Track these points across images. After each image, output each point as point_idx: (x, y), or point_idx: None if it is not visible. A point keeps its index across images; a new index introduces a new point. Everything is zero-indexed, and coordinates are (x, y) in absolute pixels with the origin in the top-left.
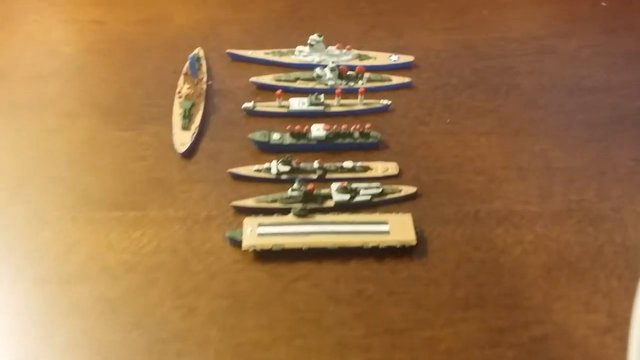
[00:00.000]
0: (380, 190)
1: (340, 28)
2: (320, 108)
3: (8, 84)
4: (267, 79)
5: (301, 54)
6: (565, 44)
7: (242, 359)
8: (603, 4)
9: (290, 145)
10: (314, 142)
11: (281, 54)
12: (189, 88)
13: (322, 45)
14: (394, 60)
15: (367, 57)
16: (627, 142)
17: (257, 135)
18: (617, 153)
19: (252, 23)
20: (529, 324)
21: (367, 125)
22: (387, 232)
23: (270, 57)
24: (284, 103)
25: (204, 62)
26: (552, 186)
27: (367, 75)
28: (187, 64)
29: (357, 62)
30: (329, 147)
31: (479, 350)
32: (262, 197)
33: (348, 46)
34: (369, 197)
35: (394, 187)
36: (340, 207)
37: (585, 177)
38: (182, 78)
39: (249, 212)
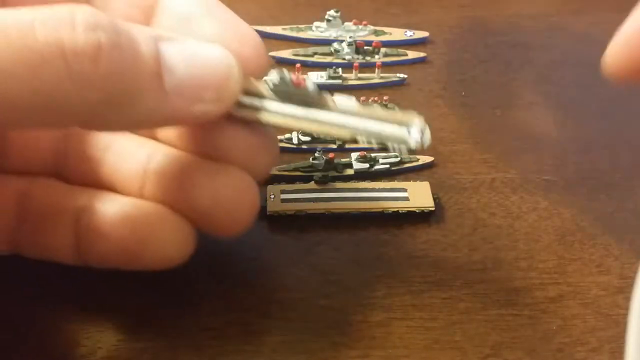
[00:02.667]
0: (398, 159)
1: (355, 4)
2: (339, 81)
3: None
4: (286, 53)
5: (318, 30)
6: (576, 21)
7: (267, 317)
8: None
9: None
10: None
11: (299, 30)
12: None
13: (339, 21)
14: (410, 36)
15: (383, 33)
16: (637, 115)
17: None
18: (628, 126)
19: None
20: (544, 285)
21: (385, 97)
22: (406, 199)
23: (288, 33)
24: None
25: None
26: (565, 156)
27: (383, 50)
28: None
29: (373, 38)
30: None
31: (496, 309)
32: (283, 165)
33: (364, 22)
34: (387, 166)
35: (412, 156)
36: (360, 175)
37: (597, 148)
38: None
39: (271, 180)
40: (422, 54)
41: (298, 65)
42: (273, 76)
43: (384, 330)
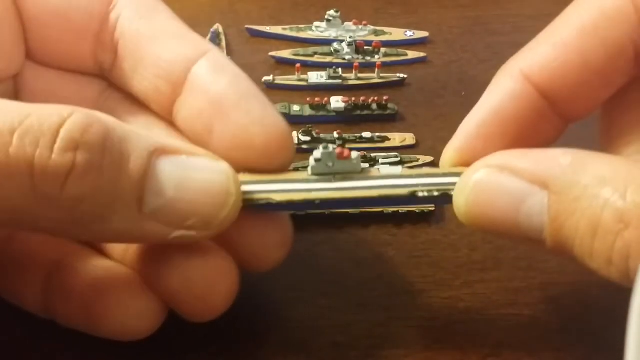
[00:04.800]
0: (398, 159)
1: (355, 4)
2: (338, 81)
3: None
4: (286, 53)
5: (318, 30)
6: None
7: (268, 317)
8: None
9: (310, 116)
10: (333, 114)
11: (299, 30)
12: None
13: (338, 21)
14: (409, 36)
15: (383, 33)
16: None
17: (278, 107)
18: None
19: (269, 0)
20: (545, 285)
21: (385, 97)
22: None
23: (288, 33)
24: (303, 76)
25: (223, 38)
26: None
27: (383, 50)
28: (207, 38)
29: (373, 38)
30: (348, 119)
31: (496, 310)
32: None
33: (364, 22)
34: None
35: (412, 156)
36: None
37: (597, 148)
38: None
39: None
40: (422, 54)
41: (298, 65)
42: (315, 152)
43: (384, 330)
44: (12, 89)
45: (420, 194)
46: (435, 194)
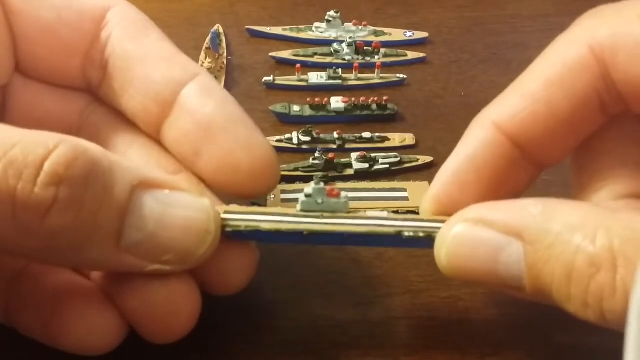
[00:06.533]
0: (398, 159)
1: (355, 5)
2: (338, 82)
3: None
4: (286, 54)
5: (318, 30)
6: (574, 22)
7: (267, 317)
8: None
9: (310, 116)
10: (333, 114)
11: (299, 30)
12: (210, 62)
13: (339, 21)
14: (409, 37)
15: (383, 34)
16: None
17: (278, 107)
18: None
19: (269, 1)
20: None
21: (385, 98)
22: (406, 199)
23: (288, 33)
24: (303, 77)
25: (223, 38)
26: None
27: (383, 50)
28: (208, 39)
29: (373, 38)
30: (348, 119)
31: (496, 309)
32: (283, 165)
33: (364, 22)
34: (387, 166)
35: (411, 156)
36: (360, 175)
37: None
38: (203, 53)
39: None
40: (421, 55)
41: (298, 65)
42: (306, 189)
43: (384, 330)
44: (0, 99)
45: (406, 234)
46: (421, 234)
